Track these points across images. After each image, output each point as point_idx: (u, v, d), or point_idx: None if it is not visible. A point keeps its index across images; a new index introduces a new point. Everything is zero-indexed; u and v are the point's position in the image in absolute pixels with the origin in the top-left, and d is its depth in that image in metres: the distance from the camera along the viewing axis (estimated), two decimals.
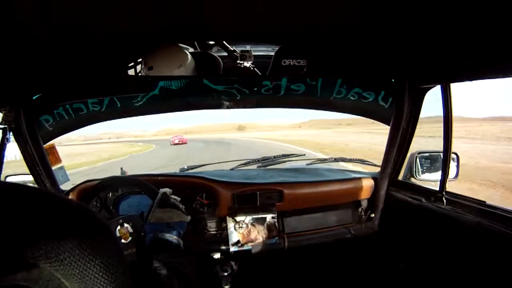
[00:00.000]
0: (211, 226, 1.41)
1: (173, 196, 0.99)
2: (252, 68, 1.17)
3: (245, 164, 1.82)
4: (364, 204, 1.51)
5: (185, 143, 24.29)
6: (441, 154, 1.18)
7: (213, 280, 1.44)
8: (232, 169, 1.77)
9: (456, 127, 1.11)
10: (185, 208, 1.00)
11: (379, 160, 1.51)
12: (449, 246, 1.05)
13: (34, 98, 1.19)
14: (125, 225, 1.07)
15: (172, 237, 0.89)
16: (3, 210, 0.27)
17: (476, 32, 0.77)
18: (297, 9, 0.74)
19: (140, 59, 1.08)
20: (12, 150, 1.22)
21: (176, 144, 23.05)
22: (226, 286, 1.45)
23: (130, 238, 1.06)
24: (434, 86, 1.15)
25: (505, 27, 0.70)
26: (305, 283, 1.54)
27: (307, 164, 1.85)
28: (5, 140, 1.15)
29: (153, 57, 1.07)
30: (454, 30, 0.79)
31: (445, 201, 1.12)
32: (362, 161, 1.82)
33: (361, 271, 1.54)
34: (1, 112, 1.15)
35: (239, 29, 0.93)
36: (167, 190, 1.00)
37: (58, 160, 1.46)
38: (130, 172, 1.73)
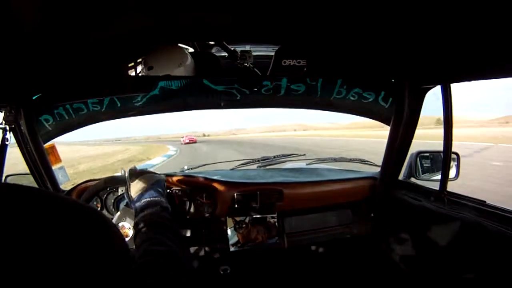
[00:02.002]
0: (211, 226, 1.41)
1: (137, 169, 1.01)
2: (252, 68, 1.17)
3: (245, 164, 1.82)
4: (364, 204, 1.51)
5: (195, 142, 25.18)
6: (441, 154, 1.18)
7: (213, 280, 1.44)
8: (232, 169, 1.77)
9: None
10: (187, 208, 1.00)
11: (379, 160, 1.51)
12: (449, 246, 1.05)
13: (34, 98, 1.19)
14: (121, 224, 1.07)
15: (152, 198, 0.89)
16: (3, 213, 0.27)
17: (476, 32, 0.77)
18: (297, 9, 0.74)
19: (140, 59, 1.08)
20: None
21: (187, 143, 23.86)
22: (226, 286, 1.45)
23: (131, 234, 1.06)
24: (434, 86, 1.15)
25: (505, 27, 0.70)
26: (305, 283, 1.54)
27: (307, 164, 1.86)
28: (5, 140, 1.15)
29: (152, 57, 1.07)
30: (454, 30, 0.79)
31: (445, 201, 1.12)
32: (362, 161, 1.82)
33: (361, 271, 1.54)
34: (1, 112, 1.15)
35: (239, 29, 0.92)
36: (131, 167, 1.02)
37: (58, 160, 1.46)
38: None
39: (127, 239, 1.06)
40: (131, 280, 0.33)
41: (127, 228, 1.07)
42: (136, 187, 0.93)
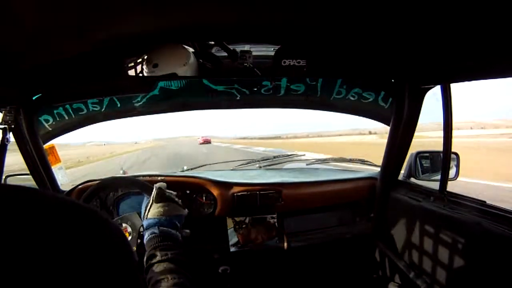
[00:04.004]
0: (211, 226, 1.41)
1: (168, 191, 0.99)
2: (252, 68, 1.17)
3: (245, 164, 1.83)
4: (364, 204, 1.51)
5: (209, 142, 26.85)
6: (441, 154, 1.18)
7: (213, 280, 1.44)
8: (232, 169, 1.77)
9: None
10: (181, 202, 1.01)
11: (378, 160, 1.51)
12: (449, 246, 1.05)
13: (34, 98, 1.19)
14: (124, 225, 1.08)
15: (170, 230, 0.89)
16: (5, 216, 0.27)
17: (476, 32, 0.77)
18: (297, 9, 0.74)
19: (140, 60, 1.08)
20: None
21: (202, 143, 25.51)
22: (226, 286, 1.45)
23: (129, 238, 1.07)
24: (434, 87, 1.15)
25: (505, 27, 0.70)
26: (305, 283, 1.54)
27: (307, 164, 1.86)
28: (5, 140, 1.15)
29: (158, 55, 1.06)
30: (454, 30, 0.79)
31: (445, 201, 1.12)
32: (362, 161, 1.82)
33: (361, 271, 1.54)
34: (1, 112, 1.15)
35: (239, 29, 0.93)
36: (162, 184, 1.00)
37: (57, 160, 1.46)
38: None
39: (129, 238, 1.07)
40: (134, 280, 0.33)
41: (128, 231, 1.08)
42: (157, 210, 0.92)
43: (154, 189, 0.97)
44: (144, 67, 1.07)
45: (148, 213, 0.92)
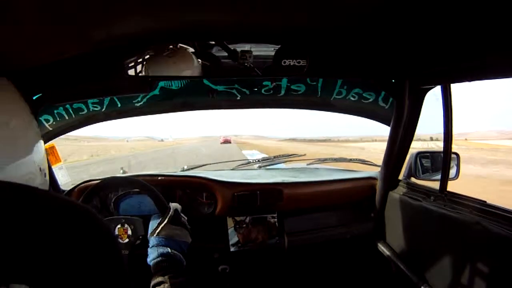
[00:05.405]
0: (211, 226, 1.41)
1: (183, 215, 1.01)
2: (252, 68, 1.17)
3: (246, 164, 1.83)
4: (364, 204, 1.51)
5: (229, 142, 28.95)
6: (441, 154, 1.18)
7: (213, 280, 1.44)
8: (232, 169, 1.77)
9: None
10: (187, 208, 1.01)
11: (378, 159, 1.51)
12: (449, 246, 1.05)
13: (34, 98, 1.19)
14: (126, 225, 1.08)
15: (181, 256, 0.90)
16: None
17: (476, 32, 0.77)
18: (297, 9, 0.74)
19: (141, 59, 1.08)
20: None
21: (222, 143, 27.38)
22: (226, 286, 1.46)
23: (127, 240, 1.07)
24: (435, 87, 1.15)
25: (505, 27, 0.70)
26: (305, 283, 1.54)
27: (307, 164, 1.86)
28: None
29: (162, 57, 1.06)
30: (454, 30, 0.79)
31: (445, 201, 1.12)
32: (362, 161, 1.82)
33: (361, 271, 1.54)
34: None
35: (239, 29, 0.93)
36: (178, 207, 1.01)
37: (58, 160, 1.46)
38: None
39: (122, 241, 1.08)
40: (121, 280, 0.34)
41: (128, 233, 1.08)
42: (170, 231, 0.93)
43: (171, 210, 0.97)
44: (147, 68, 1.07)
45: (160, 230, 0.93)
